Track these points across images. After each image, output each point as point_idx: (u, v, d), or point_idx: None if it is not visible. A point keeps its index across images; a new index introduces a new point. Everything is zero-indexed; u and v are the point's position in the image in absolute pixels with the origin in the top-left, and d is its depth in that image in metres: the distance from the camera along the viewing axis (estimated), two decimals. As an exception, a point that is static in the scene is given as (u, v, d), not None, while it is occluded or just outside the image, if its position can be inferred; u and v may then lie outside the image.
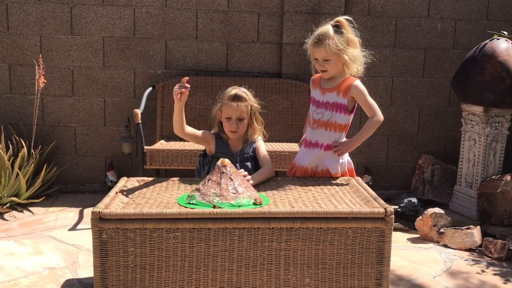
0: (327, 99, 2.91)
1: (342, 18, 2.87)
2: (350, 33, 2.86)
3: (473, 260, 3.47)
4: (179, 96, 2.70)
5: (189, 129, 2.88)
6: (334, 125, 2.90)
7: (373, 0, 4.61)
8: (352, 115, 2.94)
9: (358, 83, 2.89)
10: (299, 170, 2.98)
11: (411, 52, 4.72)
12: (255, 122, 2.97)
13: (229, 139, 2.97)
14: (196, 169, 3.13)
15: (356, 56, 2.87)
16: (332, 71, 2.88)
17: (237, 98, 2.90)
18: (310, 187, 2.69)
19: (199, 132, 2.95)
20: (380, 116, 2.90)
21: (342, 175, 2.95)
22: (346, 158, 3.00)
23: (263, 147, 3.01)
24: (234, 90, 2.92)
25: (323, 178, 2.89)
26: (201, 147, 3.56)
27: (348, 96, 2.88)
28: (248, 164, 2.93)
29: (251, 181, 2.66)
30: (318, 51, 2.84)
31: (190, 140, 3.00)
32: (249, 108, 2.92)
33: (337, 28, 2.84)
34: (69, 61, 4.55)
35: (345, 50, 2.82)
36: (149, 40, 4.56)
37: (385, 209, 2.25)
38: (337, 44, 2.80)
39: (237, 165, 2.92)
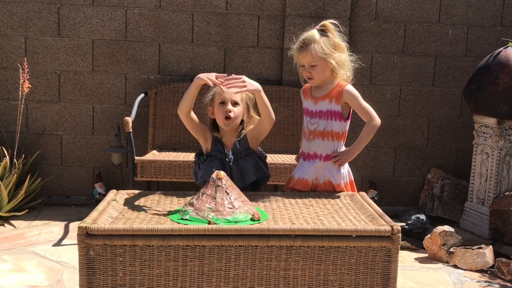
0: (320, 108, 2.94)
1: (327, 22, 2.91)
2: (336, 37, 2.91)
3: (484, 282, 3.47)
4: (210, 81, 2.72)
5: (193, 114, 2.87)
6: (331, 134, 2.93)
7: (381, 4, 4.63)
8: (348, 122, 2.97)
9: (349, 87, 2.91)
10: (299, 183, 2.99)
11: (420, 60, 4.74)
12: (251, 113, 2.96)
13: (223, 137, 2.95)
14: (193, 170, 3.10)
15: (343, 61, 2.91)
16: (319, 77, 2.91)
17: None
18: (312, 202, 2.69)
19: (199, 123, 2.94)
20: (377, 120, 2.92)
21: (344, 187, 2.96)
22: (346, 168, 3.02)
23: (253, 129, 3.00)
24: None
25: (325, 192, 2.89)
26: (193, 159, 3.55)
27: (341, 102, 2.91)
28: (245, 162, 2.92)
29: (244, 80, 2.74)
30: (303, 56, 2.88)
31: (188, 126, 2.93)
32: (243, 95, 2.92)
33: (323, 32, 2.88)
34: (56, 64, 4.56)
35: (332, 54, 2.86)
36: (142, 43, 4.58)
37: (391, 227, 2.26)
38: (323, 48, 2.84)
39: (231, 164, 2.90)
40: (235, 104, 2.89)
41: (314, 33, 2.87)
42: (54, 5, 4.49)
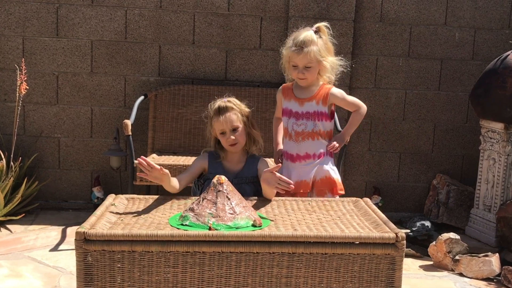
0: (307, 109, 3.04)
1: (322, 25, 3.02)
2: (328, 40, 3.04)
3: (491, 291, 3.47)
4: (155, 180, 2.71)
5: (183, 183, 2.89)
6: (319, 134, 3.06)
7: (386, 5, 4.64)
8: (333, 121, 3.13)
9: (335, 89, 3.06)
10: (300, 186, 3.04)
11: (426, 63, 4.74)
12: (252, 128, 2.97)
13: (225, 158, 2.96)
14: (191, 190, 3.12)
15: (334, 64, 3.05)
16: (311, 78, 3.03)
17: (222, 110, 2.89)
18: (315, 208, 2.69)
19: (192, 170, 2.97)
20: (364, 107, 3.14)
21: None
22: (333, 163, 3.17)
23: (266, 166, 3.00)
24: (216, 103, 2.91)
25: (329, 198, 2.90)
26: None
27: (328, 104, 3.03)
28: (247, 187, 2.92)
29: None
30: (302, 57, 2.95)
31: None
32: (239, 115, 2.92)
33: (317, 34, 3.00)
34: (54, 66, 4.57)
35: (326, 57, 3.00)
36: (142, 44, 4.59)
37: (396, 234, 2.26)
38: (321, 51, 2.96)
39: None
40: (235, 130, 2.90)
41: (312, 34, 2.96)
42: (52, 5, 4.50)
